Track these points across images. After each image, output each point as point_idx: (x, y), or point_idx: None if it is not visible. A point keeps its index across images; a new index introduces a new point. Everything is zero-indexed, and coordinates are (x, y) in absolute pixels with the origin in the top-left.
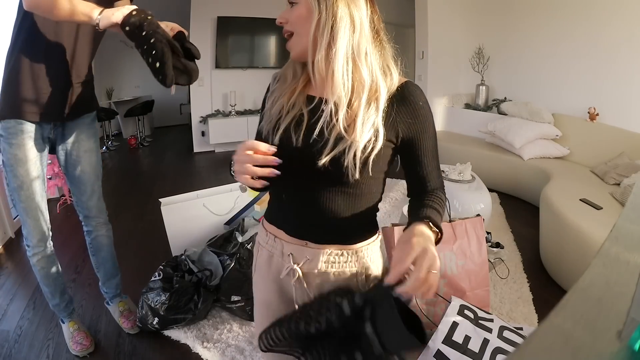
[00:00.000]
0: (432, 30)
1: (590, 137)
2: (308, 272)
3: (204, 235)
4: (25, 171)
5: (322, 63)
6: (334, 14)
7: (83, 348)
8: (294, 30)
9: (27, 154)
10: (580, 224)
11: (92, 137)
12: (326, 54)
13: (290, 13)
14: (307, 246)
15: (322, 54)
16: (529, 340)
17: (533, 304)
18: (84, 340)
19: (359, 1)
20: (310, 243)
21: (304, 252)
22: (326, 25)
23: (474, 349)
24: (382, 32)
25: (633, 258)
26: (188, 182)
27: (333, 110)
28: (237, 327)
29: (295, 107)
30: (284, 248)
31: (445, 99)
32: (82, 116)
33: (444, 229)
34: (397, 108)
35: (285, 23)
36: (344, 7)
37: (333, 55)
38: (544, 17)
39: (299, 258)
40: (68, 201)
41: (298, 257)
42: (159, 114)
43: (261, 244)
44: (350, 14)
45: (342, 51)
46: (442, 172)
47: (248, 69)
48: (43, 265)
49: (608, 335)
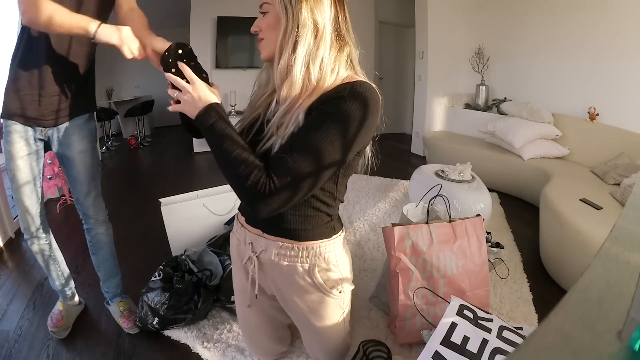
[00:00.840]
0: (432, 30)
1: (590, 137)
2: (264, 262)
3: (204, 235)
4: (15, 167)
5: (284, 67)
6: (298, 21)
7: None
8: (265, 37)
9: (17, 151)
10: (580, 224)
11: (87, 137)
12: (288, 59)
13: (262, 21)
14: (262, 236)
15: (285, 59)
16: (529, 341)
17: (533, 304)
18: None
19: (322, 5)
20: (265, 233)
21: (260, 242)
22: (291, 33)
23: (472, 350)
24: (345, 31)
25: (633, 258)
26: (188, 182)
27: (274, 110)
28: (237, 327)
29: (258, 109)
30: (247, 237)
31: (445, 99)
32: (75, 118)
33: (444, 229)
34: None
35: (259, 31)
36: (308, 13)
37: (293, 62)
38: (544, 17)
39: (257, 247)
40: (68, 201)
41: (256, 246)
42: (159, 114)
43: (234, 232)
44: (314, 20)
45: (301, 58)
46: (442, 172)
47: (248, 69)
48: (36, 251)
49: (608, 335)
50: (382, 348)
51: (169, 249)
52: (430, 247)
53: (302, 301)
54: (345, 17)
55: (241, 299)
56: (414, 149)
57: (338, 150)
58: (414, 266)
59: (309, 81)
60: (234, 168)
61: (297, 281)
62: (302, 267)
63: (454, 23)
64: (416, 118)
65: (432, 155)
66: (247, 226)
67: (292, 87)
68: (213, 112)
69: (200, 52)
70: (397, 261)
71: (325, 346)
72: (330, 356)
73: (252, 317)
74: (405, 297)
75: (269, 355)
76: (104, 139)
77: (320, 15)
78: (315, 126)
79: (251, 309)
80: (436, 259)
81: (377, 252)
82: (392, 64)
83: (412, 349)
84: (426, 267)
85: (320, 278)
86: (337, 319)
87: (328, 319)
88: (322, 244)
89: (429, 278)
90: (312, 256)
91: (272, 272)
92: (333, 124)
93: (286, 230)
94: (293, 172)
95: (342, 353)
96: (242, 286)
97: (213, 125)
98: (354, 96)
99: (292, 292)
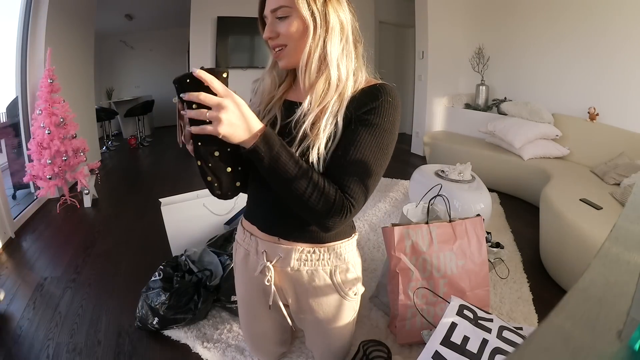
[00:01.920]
0: (432, 30)
1: (590, 137)
2: (281, 270)
3: (204, 235)
4: None
5: (314, 71)
6: (327, 23)
7: None
8: (287, 43)
9: None
10: (580, 224)
11: None
12: (319, 62)
13: (282, 27)
14: (279, 243)
15: (315, 63)
16: (529, 341)
17: (533, 304)
18: None
19: (343, 4)
20: (282, 240)
21: (276, 250)
22: (320, 36)
23: (472, 350)
24: (357, 31)
25: (633, 258)
26: (188, 182)
27: (305, 111)
28: (237, 327)
29: (271, 112)
30: (259, 246)
31: (445, 99)
32: None
33: (444, 229)
34: (357, 105)
35: (275, 37)
36: (334, 14)
37: (324, 64)
38: (544, 17)
39: (272, 255)
40: (68, 201)
41: (271, 254)
42: (159, 114)
43: (239, 242)
44: (340, 21)
45: (334, 59)
46: (442, 172)
47: (248, 69)
48: None
49: (608, 335)
50: (382, 348)
51: (169, 249)
52: (430, 247)
53: (318, 305)
54: (355, 16)
55: (246, 309)
56: (414, 149)
57: (389, 157)
58: (414, 266)
59: (339, 81)
60: (314, 202)
61: (317, 285)
62: (323, 271)
63: (454, 23)
64: (416, 118)
65: (432, 155)
66: (259, 234)
67: (323, 89)
68: (274, 137)
69: (200, 52)
70: (397, 261)
71: (331, 346)
72: (334, 356)
73: (258, 325)
74: (405, 297)
75: (271, 357)
76: (104, 139)
77: (343, 15)
78: (372, 143)
79: (258, 318)
80: (436, 259)
81: (377, 252)
82: (392, 64)
83: (412, 349)
84: (426, 267)
85: (340, 279)
86: (348, 320)
87: (341, 321)
88: (342, 244)
89: (429, 278)
90: (333, 258)
91: (289, 279)
92: (384, 135)
93: (309, 233)
94: (364, 190)
95: (346, 353)
96: (248, 297)
97: (279, 155)
98: (390, 103)
99: (309, 296)
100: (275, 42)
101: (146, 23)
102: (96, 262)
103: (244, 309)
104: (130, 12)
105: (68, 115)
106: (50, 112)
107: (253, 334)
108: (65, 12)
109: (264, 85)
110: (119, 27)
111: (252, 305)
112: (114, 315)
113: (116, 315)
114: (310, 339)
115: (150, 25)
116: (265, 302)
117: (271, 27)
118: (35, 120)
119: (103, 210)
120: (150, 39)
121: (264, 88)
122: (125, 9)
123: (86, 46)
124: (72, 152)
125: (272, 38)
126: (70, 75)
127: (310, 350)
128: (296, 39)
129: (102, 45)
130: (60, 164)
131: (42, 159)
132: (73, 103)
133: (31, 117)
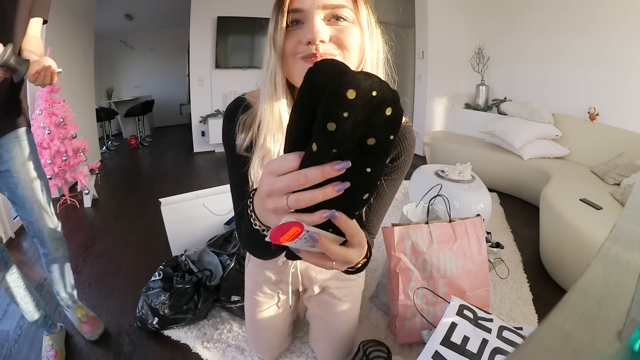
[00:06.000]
0: (432, 30)
1: (590, 137)
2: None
3: (204, 235)
4: None
5: None
6: (372, 27)
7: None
8: (347, 48)
9: None
10: (580, 224)
11: (27, 148)
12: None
13: (341, 33)
14: None
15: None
16: (529, 341)
17: (533, 304)
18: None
19: (371, 6)
20: None
21: None
22: (372, 40)
23: (472, 350)
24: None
25: (633, 258)
26: (188, 182)
27: None
28: (237, 327)
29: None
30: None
31: (445, 99)
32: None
33: (443, 229)
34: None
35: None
36: (372, 17)
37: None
38: (544, 17)
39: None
40: (68, 201)
41: None
42: (159, 114)
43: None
44: (376, 23)
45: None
46: (442, 172)
47: (248, 69)
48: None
49: (608, 335)
50: (382, 348)
51: (169, 249)
52: (430, 247)
53: (333, 283)
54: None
55: (253, 305)
56: (414, 149)
57: None
58: (414, 266)
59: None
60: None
61: None
62: None
63: (454, 23)
64: (416, 118)
65: (432, 155)
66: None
67: None
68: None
69: (200, 52)
70: (397, 261)
71: (335, 339)
72: (336, 354)
73: (266, 318)
74: (405, 297)
75: (272, 353)
76: (104, 139)
77: (374, 17)
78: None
79: (267, 309)
80: (436, 259)
81: (377, 252)
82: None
83: (412, 349)
84: (426, 267)
85: None
86: (356, 302)
87: (350, 302)
88: None
89: (429, 278)
90: None
91: (312, 268)
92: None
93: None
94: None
95: (347, 351)
96: (259, 287)
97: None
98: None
99: (327, 276)
100: (326, 49)
101: (146, 23)
102: (96, 262)
103: (253, 301)
104: (130, 12)
105: (68, 115)
106: (50, 112)
107: (259, 328)
108: (65, 12)
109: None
110: (119, 27)
111: (264, 293)
112: (114, 315)
113: (116, 315)
114: (315, 334)
115: (150, 25)
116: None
117: (324, 29)
118: (35, 120)
119: (103, 210)
120: (150, 39)
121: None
122: (125, 9)
123: (86, 46)
124: (72, 152)
125: (322, 42)
126: (70, 75)
127: (313, 350)
128: (356, 52)
129: (102, 45)
130: (60, 164)
131: (42, 159)
132: (73, 103)
133: (31, 117)
